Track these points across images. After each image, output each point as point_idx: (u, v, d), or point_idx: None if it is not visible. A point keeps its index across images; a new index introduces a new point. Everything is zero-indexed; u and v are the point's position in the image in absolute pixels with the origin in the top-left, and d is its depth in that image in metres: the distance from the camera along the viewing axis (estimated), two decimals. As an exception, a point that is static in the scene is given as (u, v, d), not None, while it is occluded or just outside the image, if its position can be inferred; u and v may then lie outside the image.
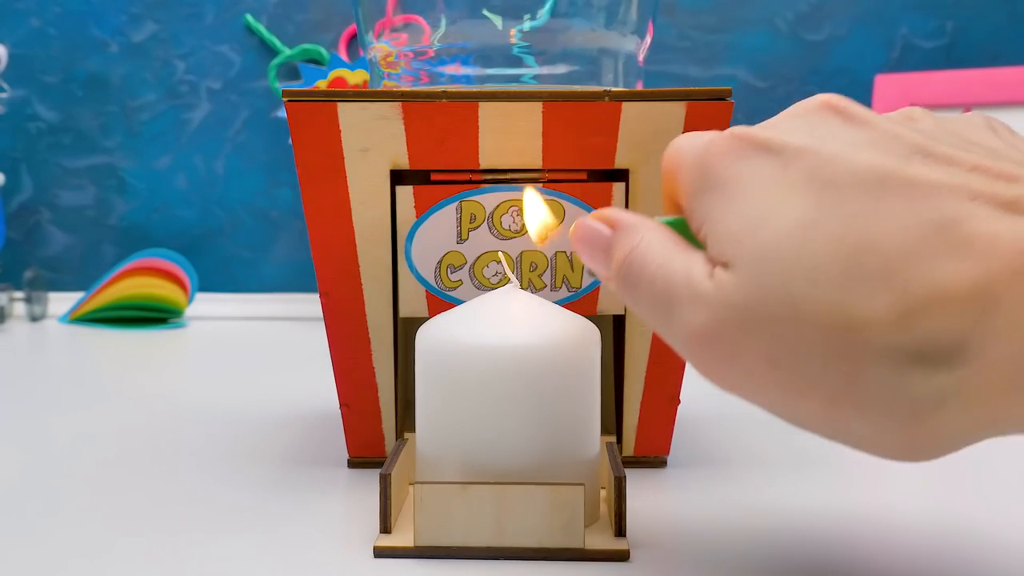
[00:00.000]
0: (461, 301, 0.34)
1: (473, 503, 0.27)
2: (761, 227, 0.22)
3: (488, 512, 0.27)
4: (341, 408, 0.37)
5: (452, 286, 0.36)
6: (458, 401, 0.29)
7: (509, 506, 0.27)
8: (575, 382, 0.30)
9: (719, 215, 0.23)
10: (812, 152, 0.22)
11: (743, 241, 0.22)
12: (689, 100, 0.34)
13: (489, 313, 0.30)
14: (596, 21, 0.38)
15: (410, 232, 0.35)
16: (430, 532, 0.28)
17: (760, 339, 0.21)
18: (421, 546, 0.28)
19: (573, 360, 0.30)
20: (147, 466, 0.39)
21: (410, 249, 0.35)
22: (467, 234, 0.35)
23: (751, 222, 0.22)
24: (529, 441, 0.29)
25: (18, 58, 0.98)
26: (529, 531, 0.27)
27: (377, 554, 0.28)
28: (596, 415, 0.31)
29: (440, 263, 0.35)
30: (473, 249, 0.35)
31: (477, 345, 0.29)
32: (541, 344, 0.29)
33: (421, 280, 0.36)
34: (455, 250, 0.35)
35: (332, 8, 0.99)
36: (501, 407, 0.29)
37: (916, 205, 0.20)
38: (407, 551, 0.28)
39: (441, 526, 0.28)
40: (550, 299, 0.34)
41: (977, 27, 0.94)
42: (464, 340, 0.29)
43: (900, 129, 0.22)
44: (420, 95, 0.34)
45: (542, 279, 0.36)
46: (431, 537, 0.28)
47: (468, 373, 0.29)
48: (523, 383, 0.29)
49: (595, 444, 0.31)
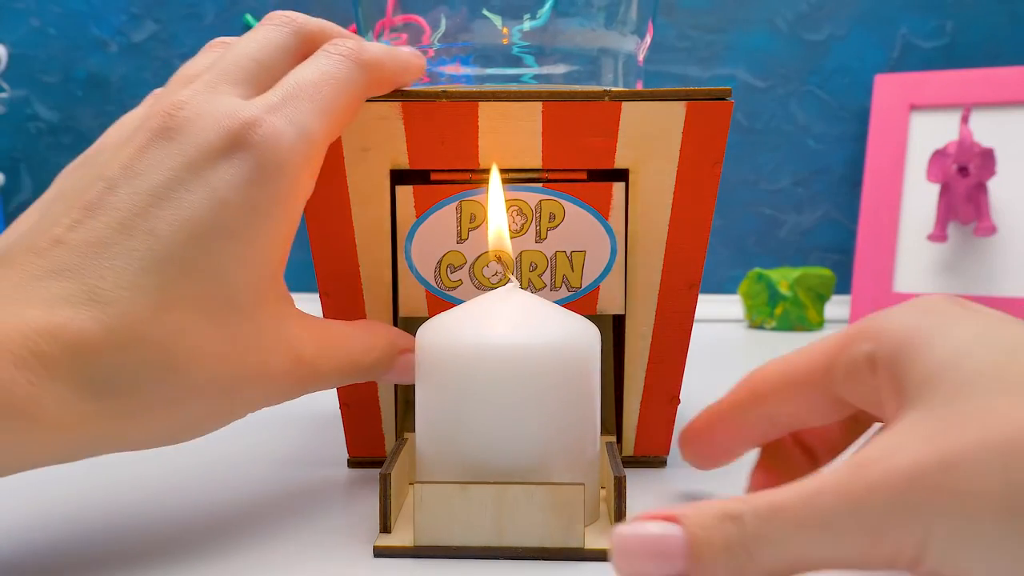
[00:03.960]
0: (461, 301, 0.34)
1: (473, 503, 0.27)
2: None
3: (488, 512, 0.27)
4: (341, 408, 0.37)
5: (452, 286, 0.35)
6: (458, 401, 0.29)
7: (509, 506, 0.27)
8: (575, 382, 0.30)
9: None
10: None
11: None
12: (689, 100, 0.34)
13: (489, 313, 0.30)
14: (596, 21, 0.38)
15: (410, 232, 0.35)
16: (430, 532, 0.28)
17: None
18: (421, 545, 0.28)
19: (573, 360, 0.30)
20: (146, 465, 0.39)
21: (410, 249, 0.35)
22: (467, 234, 0.35)
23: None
24: (529, 441, 0.29)
25: (18, 58, 0.98)
26: (529, 531, 0.27)
27: (377, 553, 0.28)
28: (596, 415, 0.31)
29: (440, 263, 0.35)
30: (473, 249, 0.35)
31: (477, 345, 0.29)
32: (541, 344, 0.29)
33: (421, 280, 0.35)
34: (455, 250, 0.35)
35: (332, 8, 0.99)
36: (501, 407, 0.29)
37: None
38: (407, 551, 0.28)
39: (441, 526, 0.28)
40: (550, 299, 0.34)
41: (977, 27, 0.94)
42: (464, 340, 0.29)
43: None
44: (420, 95, 0.34)
45: (542, 279, 0.36)
46: (431, 537, 0.28)
47: (468, 373, 0.29)
48: (523, 383, 0.29)
49: (595, 444, 0.31)
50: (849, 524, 0.21)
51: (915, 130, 0.87)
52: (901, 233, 0.86)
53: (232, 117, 0.28)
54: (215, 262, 0.27)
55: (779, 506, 0.22)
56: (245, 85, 0.29)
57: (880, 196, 0.87)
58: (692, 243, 0.36)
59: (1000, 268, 0.81)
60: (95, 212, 0.26)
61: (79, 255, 0.25)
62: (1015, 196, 0.82)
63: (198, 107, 0.28)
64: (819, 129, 0.96)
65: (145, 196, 0.26)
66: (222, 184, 0.27)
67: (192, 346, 0.26)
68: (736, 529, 0.23)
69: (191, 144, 0.27)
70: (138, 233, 0.26)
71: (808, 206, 0.97)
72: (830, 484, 0.22)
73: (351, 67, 0.30)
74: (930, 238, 0.81)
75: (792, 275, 0.80)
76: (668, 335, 0.37)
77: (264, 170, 0.27)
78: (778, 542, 0.22)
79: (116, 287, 0.25)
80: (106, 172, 0.27)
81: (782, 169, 0.97)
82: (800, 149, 0.96)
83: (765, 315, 0.81)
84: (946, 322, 0.24)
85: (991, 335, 0.23)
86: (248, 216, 0.27)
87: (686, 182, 0.35)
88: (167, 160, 0.27)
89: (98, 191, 0.27)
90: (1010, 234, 0.81)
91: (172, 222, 0.26)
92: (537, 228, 0.35)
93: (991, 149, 0.80)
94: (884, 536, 0.21)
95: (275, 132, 0.28)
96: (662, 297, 0.36)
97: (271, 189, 0.28)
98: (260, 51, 0.30)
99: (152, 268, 0.26)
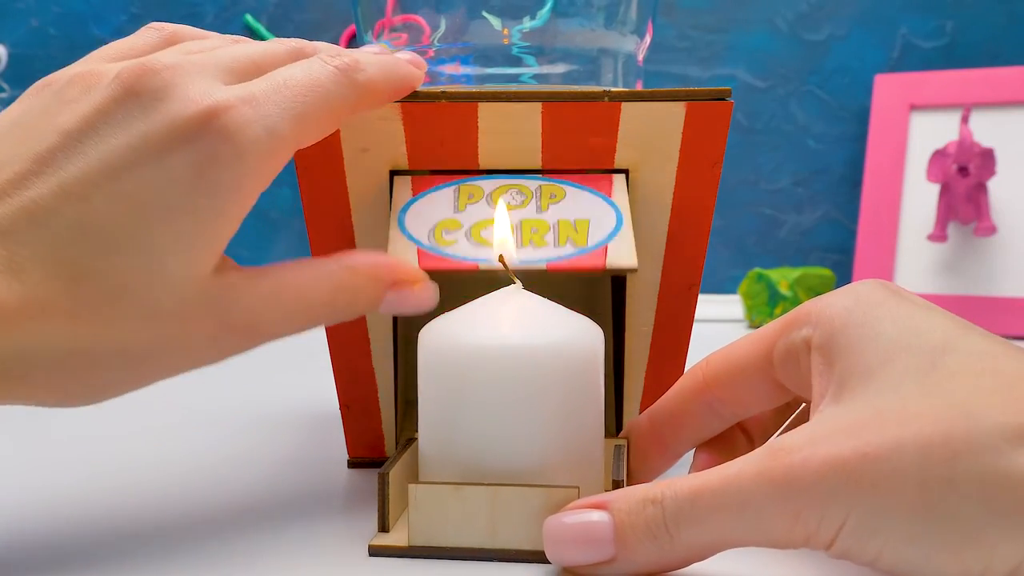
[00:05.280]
0: (457, 256, 0.33)
1: (467, 504, 0.27)
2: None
3: (482, 513, 0.27)
4: (341, 408, 0.37)
5: (447, 243, 0.33)
6: (460, 402, 0.29)
7: (503, 508, 0.27)
8: (577, 382, 0.29)
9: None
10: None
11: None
12: (689, 100, 0.34)
13: (491, 314, 0.30)
14: (596, 21, 0.38)
15: (404, 207, 0.34)
16: (424, 532, 0.28)
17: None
18: (415, 546, 0.28)
19: (575, 360, 0.29)
20: (146, 466, 0.39)
21: (403, 219, 0.34)
22: (464, 207, 0.34)
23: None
24: (529, 442, 0.28)
25: (18, 58, 0.98)
26: (523, 533, 0.27)
27: (372, 553, 0.28)
28: (600, 416, 0.31)
29: (435, 228, 0.34)
30: (470, 218, 0.34)
31: (478, 346, 0.29)
32: (544, 345, 0.29)
33: (412, 239, 0.33)
34: (451, 218, 0.34)
35: (332, 8, 0.99)
36: (503, 408, 0.28)
37: None
38: (401, 550, 0.28)
39: (435, 526, 0.28)
40: (553, 256, 0.33)
41: (977, 27, 0.94)
42: (466, 341, 0.29)
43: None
44: (420, 95, 0.34)
45: (544, 239, 0.34)
46: (425, 537, 0.28)
47: (470, 374, 0.29)
48: (523, 384, 0.28)
49: (599, 445, 0.31)
50: (767, 506, 0.23)
51: (915, 130, 0.87)
52: (901, 233, 0.86)
53: (205, 96, 0.27)
54: (146, 237, 0.26)
55: (699, 489, 0.24)
56: (232, 75, 0.29)
57: (880, 196, 0.87)
58: (692, 243, 0.36)
59: (1000, 268, 0.81)
60: (42, 169, 0.26)
61: (11, 219, 0.25)
62: (1015, 196, 0.82)
63: (177, 76, 0.27)
64: (819, 129, 0.96)
65: (95, 162, 0.26)
66: (176, 163, 0.27)
67: (104, 319, 0.26)
68: (658, 512, 0.24)
69: (157, 113, 0.27)
70: (75, 200, 0.26)
71: (808, 206, 0.97)
72: (750, 468, 0.24)
73: (341, 81, 0.30)
74: (930, 238, 0.81)
75: (792, 275, 0.80)
76: (668, 335, 0.37)
77: (220, 157, 0.27)
78: (698, 523, 0.24)
79: (34, 257, 0.25)
80: (66, 124, 0.27)
81: (782, 169, 0.97)
82: (800, 149, 0.96)
83: (765, 315, 0.81)
84: (879, 315, 0.26)
85: (919, 331, 0.25)
86: (195, 199, 0.27)
87: (686, 182, 0.35)
88: (129, 125, 0.27)
89: (52, 144, 0.26)
90: (1010, 234, 0.81)
91: (113, 193, 0.26)
92: (538, 203, 0.34)
93: (991, 149, 0.80)
94: (800, 519, 0.23)
95: (242, 121, 0.27)
96: (662, 297, 0.36)
97: (225, 176, 0.27)
98: (261, 56, 0.30)
99: (77, 239, 0.26)
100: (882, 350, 0.25)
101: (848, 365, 0.25)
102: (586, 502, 0.26)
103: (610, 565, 0.25)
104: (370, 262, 0.31)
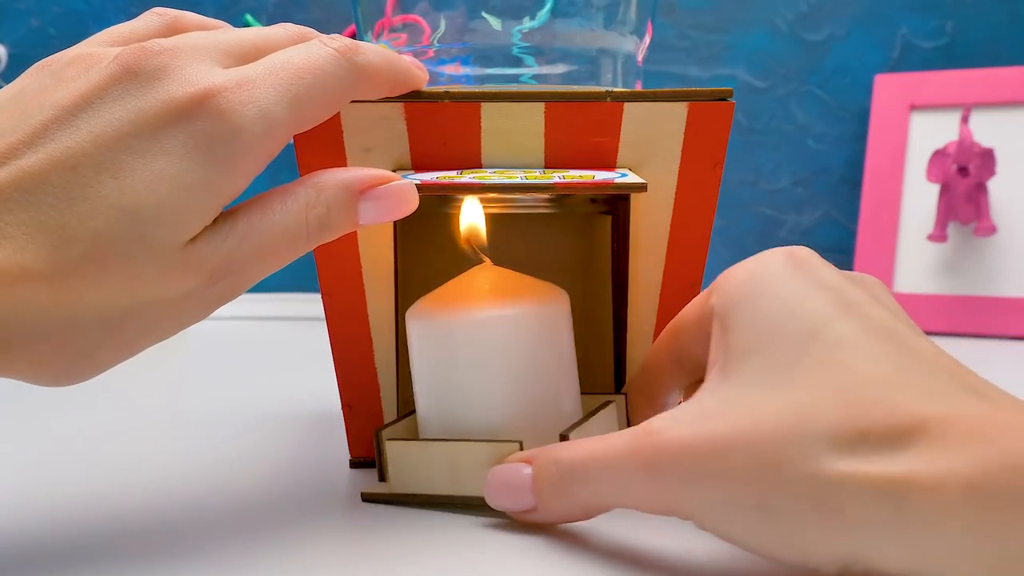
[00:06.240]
0: (449, 179, 0.33)
1: (432, 458, 0.32)
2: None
3: (444, 465, 0.32)
4: (343, 408, 0.38)
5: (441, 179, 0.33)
6: (440, 369, 0.33)
7: (460, 461, 0.31)
8: (545, 344, 0.33)
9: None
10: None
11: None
12: (691, 100, 0.34)
13: (464, 288, 0.33)
14: (595, 21, 0.38)
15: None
16: (402, 482, 0.33)
17: None
18: (395, 493, 0.33)
19: (540, 324, 0.33)
20: (146, 466, 0.39)
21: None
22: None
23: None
24: (500, 401, 0.32)
25: (18, 58, 0.98)
26: (478, 482, 0.31)
27: (364, 498, 0.33)
28: (567, 372, 0.33)
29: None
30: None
31: (452, 320, 0.32)
32: (506, 314, 0.32)
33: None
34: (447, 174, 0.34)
35: (332, 8, 0.99)
36: (473, 372, 0.32)
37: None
38: (386, 497, 0.33)
39: (409, 477, 0.32)
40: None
41: (977, 27, 0.94)
42: (441, 315, 0.33)
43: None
44: (423, 95, 0.34)
45: (552, 175, 0.33)
46: (402, 486, 0.33)
47: (446, 345, 0.32)
48: (489, 349, 0.32)
49: (569, 400, 0.33)
50: (636, 481, 0.26)
51: (915, 130, 0.87)
52: (901, 233, 0.86)
53: (202, 78, 0.27)
54: (131, 205, 0.26)
55: (587, 456, 0.27)
56: (232, 59, 0.29)
57: (880, 196, 0.87)
58: (694, 243, 0.36)
59: (1000, 268, 0.81)
60: (34, 141, 0.26)
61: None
62: (1015, 196, 0.82)
63: (175, 58, 0.28)
64: (819, 129, 0.96)
65: (86, 133, 0.26)
66: (168, 138, 0.27)
67: (86, 283, 0.26)
68: (556, 471, 0.28)
69: (153, 92, 0.27)
70: (62, 169, 0.26)
71: (808, 206, 0.97)
72: (625, 445, 0.26)
73: (339, 63, 0.30)
74: (930, 238, 0.81)
75: (792, 275, 0.80)
76: (669, 335, 0.37)
77: (213, 135, 0.27)
78: (585, 485, 0.27)
79: (18, 223, 0.26)
80: (63, 100, 0.27)
81: (782, 169, 0.97)
82: (800, 149, 0.96)
83: (765, 315, 0.81)
84: (765, 290, 0.27)
85: (795, 314, 0.26)
86: (185, 169, 0.27)
87: (688, 182, 0.35)
88: (125, 102, 0.27)
89: (46, 118, 0.27)
90: (1010, 234, 0.81)
91: (101, 162, 0.26)
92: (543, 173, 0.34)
93: (991, 149, 0.80)
94: (662, 496, 0.25)
95: (237, 103, 0.27)
96: (663, 297, 0.36)
97: (218, 150, 0.27)
98: (264, 40, 0.31)
99: (63, 206, 0.26)
100: (760, 332, 0.26)
101: (733, 341, 0.26)
102: (520, 456, 0.30)
103: (532, 513, 0.29)
104: (336, 175, 0.30)
